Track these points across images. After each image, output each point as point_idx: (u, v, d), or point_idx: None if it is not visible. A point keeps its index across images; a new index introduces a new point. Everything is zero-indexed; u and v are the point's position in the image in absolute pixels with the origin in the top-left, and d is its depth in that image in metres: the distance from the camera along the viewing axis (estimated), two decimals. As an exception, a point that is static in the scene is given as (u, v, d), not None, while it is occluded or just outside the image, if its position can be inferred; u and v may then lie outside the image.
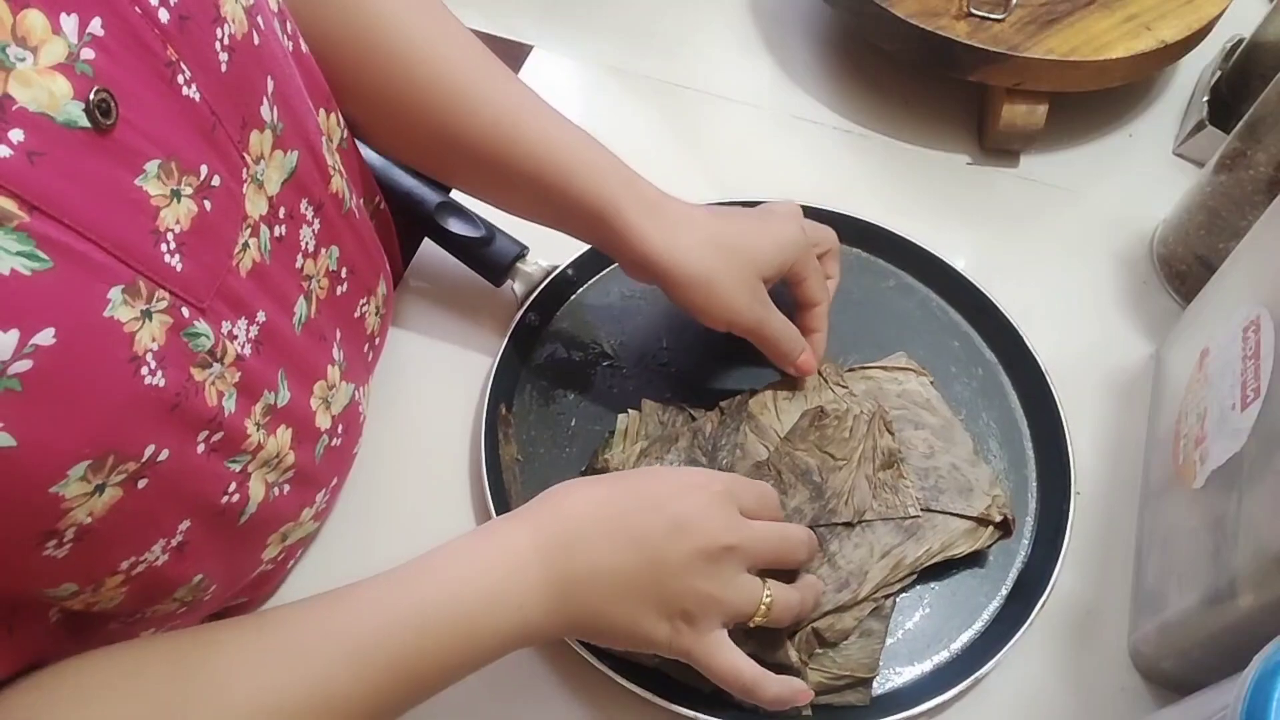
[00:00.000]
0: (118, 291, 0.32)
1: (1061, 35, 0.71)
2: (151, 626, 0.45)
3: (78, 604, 0.38)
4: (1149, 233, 0.71)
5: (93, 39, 0.31)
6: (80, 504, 0.33)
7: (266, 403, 0.43)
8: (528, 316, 0.64)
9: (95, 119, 0.31)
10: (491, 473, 0.56)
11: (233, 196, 0.39)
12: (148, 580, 0.39)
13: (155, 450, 0.35)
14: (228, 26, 0.38)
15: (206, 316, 0.38)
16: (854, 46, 0.83)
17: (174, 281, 0.36)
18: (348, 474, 0.57)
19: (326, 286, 0.50)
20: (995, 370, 0.64)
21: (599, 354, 0.64)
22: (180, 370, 0.36)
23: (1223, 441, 0.47)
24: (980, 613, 0.54)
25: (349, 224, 0.52)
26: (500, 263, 0.64)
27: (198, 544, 0.41)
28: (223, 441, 0.40)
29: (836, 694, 0.51)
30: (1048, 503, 0.58)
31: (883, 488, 0.54)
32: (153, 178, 0.34)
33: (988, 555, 0.56)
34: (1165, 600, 0.50)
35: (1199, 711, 0.40)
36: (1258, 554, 0.42)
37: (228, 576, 0.46)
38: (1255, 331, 0.48)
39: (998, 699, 0.52)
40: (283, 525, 0.49)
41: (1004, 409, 0.62)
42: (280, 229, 0.44)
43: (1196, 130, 0.75)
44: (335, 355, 0.51)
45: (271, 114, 0.42)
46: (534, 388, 0.62)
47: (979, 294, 0.65)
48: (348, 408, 0.53)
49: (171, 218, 0.35)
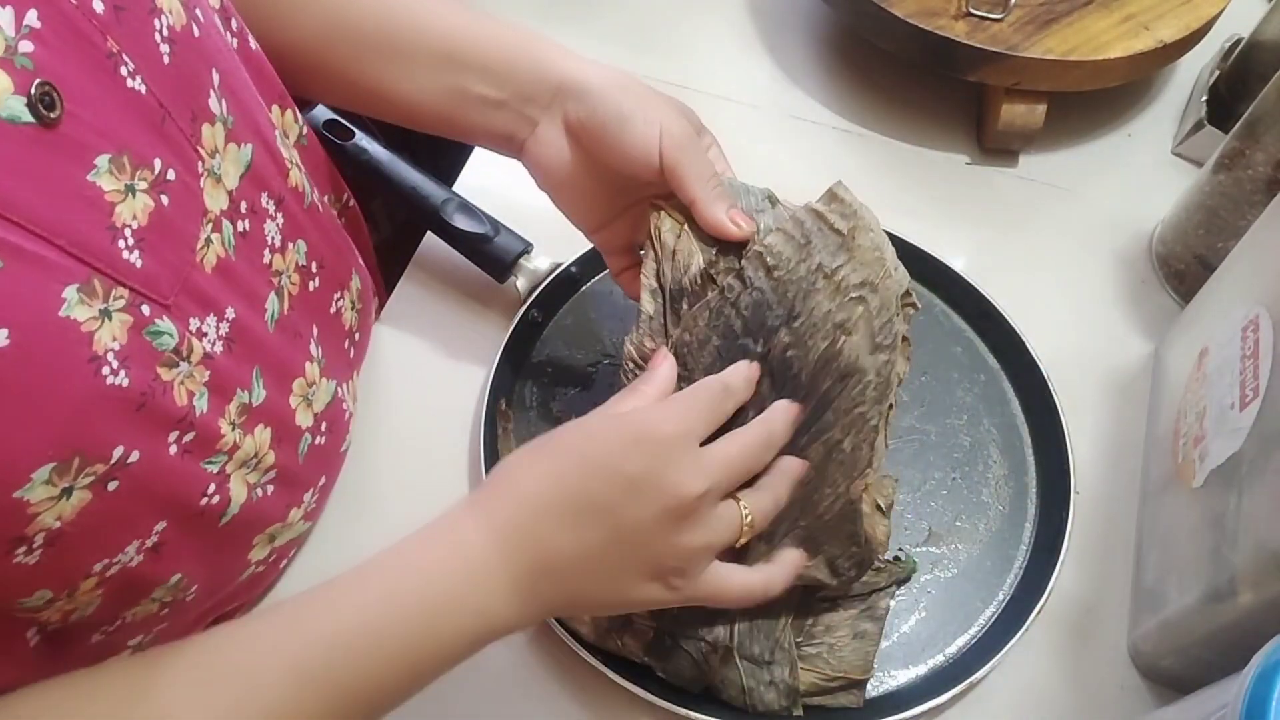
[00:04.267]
0: (73, 290, 0.32)
1: (1060, 35, 0.71)
2: (138, 634, 0.44)
3: (55, 614, 0.37)
4: (1148, 232, 0.72)
5: (30, 31, 0.31)
6: (47, 508, 0.32)
7: (240, 402, 0.43)
8: (530, 313, 0.64)
9: (39, 113, 0.31)
10: (490, 466, 0.56)
11: (190, 191, 0.39)
12: (123, 581, 0.39)
13: (125, 452, 0.35)
14: (165, 18, 0.38)
15: (171, 314, 0.37)
16: (853, 46, 0.83)
17: (134, 278, 0.35)
18: (337, 473, 0.56)
19: (298, 282, 0.49)
20: (997, 376, 0.64)
21: (600, 352, 0.64)
22: (145, 370, 0.36)
23: (1222, 440, 0.48)
24: (976, 617, 0.54)
25: (313, 219, 0.51)
26: (504, 258, 0.65)
27: (175, 545, 0.41)
28: (196, 442, 0.40)
29: (830, 695, 0.51)
30: (1047, 503, 0.58)
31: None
32: (105, 173, 0.34)
33: (986, 560, 0.56)
34: (1165, 599, 0.50)
35: (1199, 710, 0.40)
36: (1257, 552, 0.42)
37: (210, 577, 0.46)
38: (1254, 331, 0.48)
39: (998, 698, 0.52)
40: (269, 526, 0.49)
41: (1005, 414, 0.62)
42: (243, 224, 0.43)
43: (1195, 130, 0.75)
44: (313, 352, 0.51)
45: (220, 107, 0.41)
46: (534, 384, 0.62)
47: (978, 294, 0.65)
48: (330, 405, 0.53)
49: (128, 213, 0.35)
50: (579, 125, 0.50)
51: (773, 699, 0.50)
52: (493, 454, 0.57)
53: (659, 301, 0.49)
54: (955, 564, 0.56)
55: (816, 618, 0.52)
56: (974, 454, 0.60)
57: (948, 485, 0.59)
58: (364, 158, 0.66)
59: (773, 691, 0.50)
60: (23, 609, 0.36)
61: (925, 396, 0.62)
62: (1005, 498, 0.59)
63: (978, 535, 0.57)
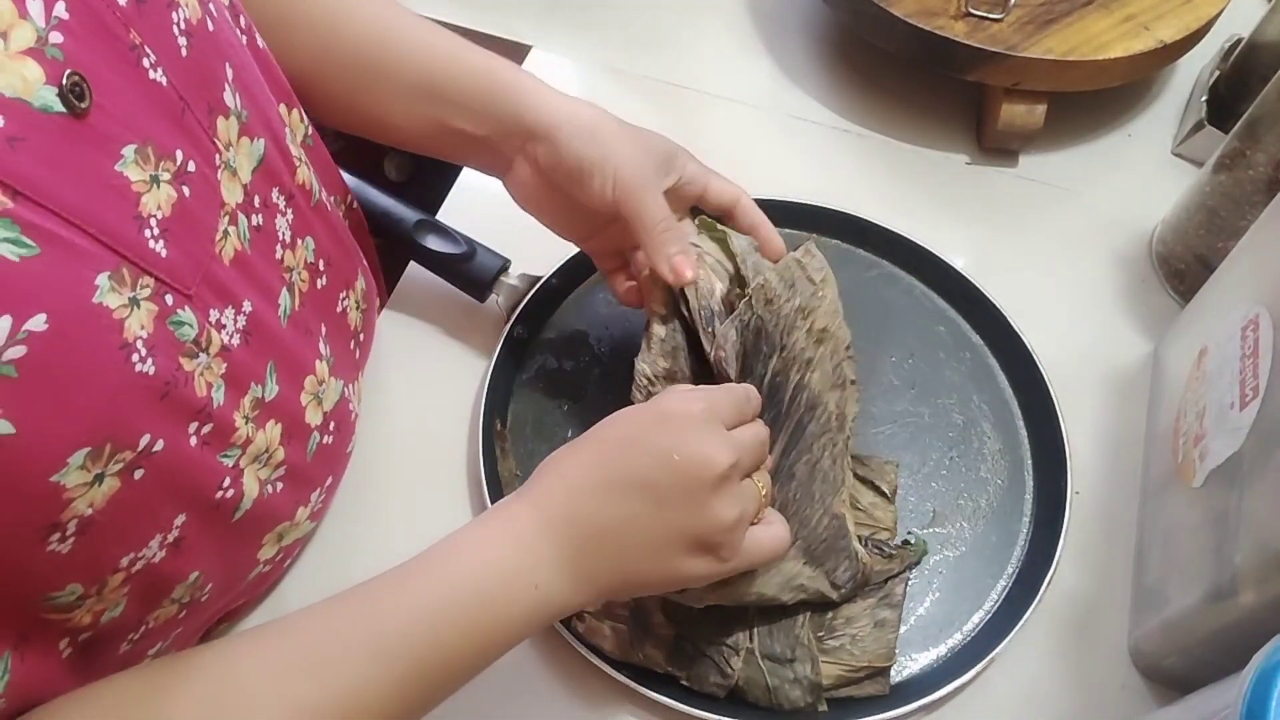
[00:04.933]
0: (105, 278, 0.33)
1: (1060, 35, 0.71)
2: (158, 640, 0.45)
3: (86, 615, 0.38)
4: (1148, 232, 0.72)
5: (59, 22, 0.31)
6: (81, 494, 0.33)
7: (254, 396, 0.44)
8: (515, 330, 0.63)
9: (70, 103, 0.31)
10: (492, 488, 0.56)
11: (209, 183, 0.40)
12: (147, 579, 0.40)
13: (151, 440, 0.36)
14: (182, 10, 0.38)
15: (193, 304, 0.38)
16: (853, 46, 0.83)
17: (159, 267, 0.36)
18: (342, 474, 0.57)
19: (307, 279, 0.50)
20: (998, 379, 0.64)
21: (590, 362, 0.64)
22: (169, 359, 0.36)
23: (1222, 440, 0.48)
24: (989, 592, 0.55)
25: (320, 216, 0.52)
26: (483, 278, 0.64)
27: (193, 540, 0.41)
28: (213, 433, 0.40)
29: (856, 685, 0.51)
30: (1045, 503, 0.58)
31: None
32: (131, 163, 0.34)
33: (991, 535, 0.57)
34: (1166, 598, 0.51)
35: (1200, 709, 0.40)
36: (1258, 551, 0.42)
37: (224, 575, 0.47)
38: (1254, 330, 0.48)
39: (999, 698, 0.52)
40: (278, 525, 0.49)
41: (1006, 421, 0.62)
42: (257, 218, 0.44)
43: (1195, 130, 0.75)
44: (322, 350, 0.51)
45: (235, 101, 0.42)
46: (527, 401, 0.62)
47: (977, 293, 0.65)
48: (338, 405, 0.53)
49: (153, 203, 0.35)
50: (548, 169, 0.53)
51: (798, 696, 0.50)
52: (494, 477, 0.57)
53: (670, 325, 0.54)
54: (962, 542, 0.57)
55: (836, 611, 0.53)
56: (968, 432, 0.61)
57: (946, 465, 0.60)
58: None
59: (797, 689, 0.50)
60: (54, 606, 0.36)
61: (915, 379, 0.63)
62: (1003, 471, 0.60)
63: (980, 511, 0.58)
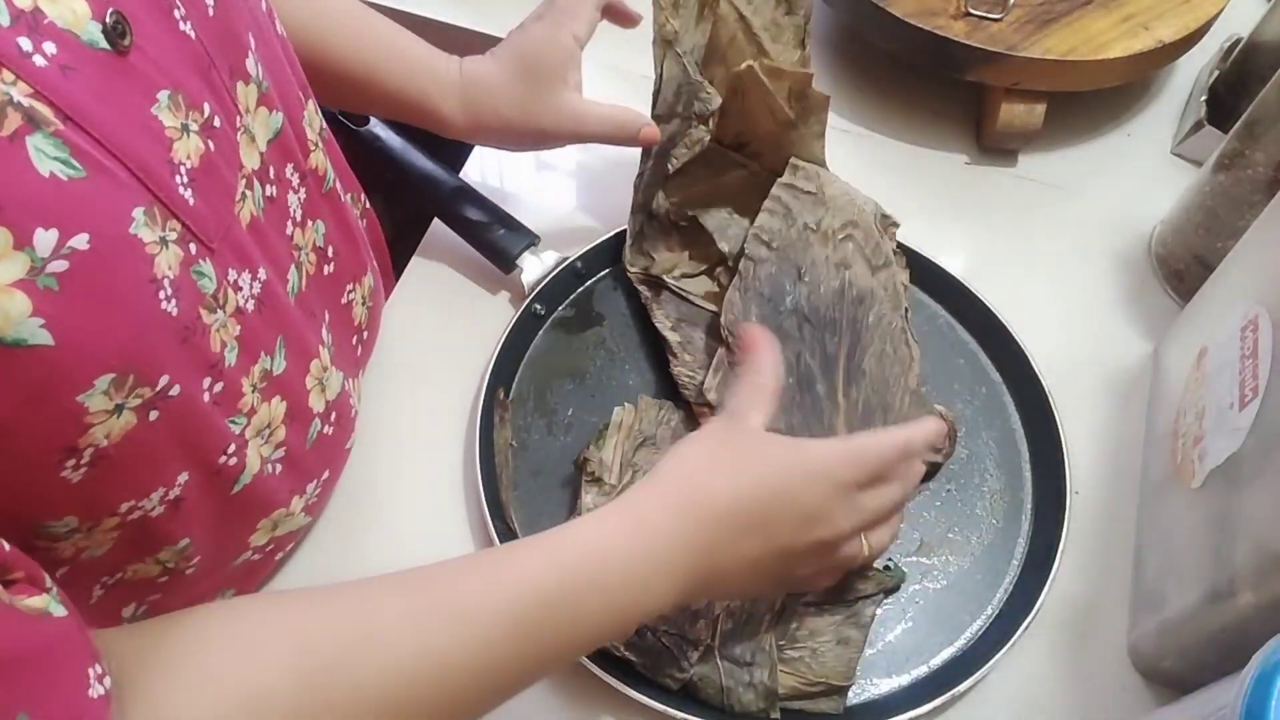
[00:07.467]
0: (140, 211, 0.34)
1: (1059, 35, 0.71)
2: (131, 601, 0.45)
3: (69, 549, 0.38)
4: (1147, 232, 0.72)
5: None
6: (100, 421, 0.34)
7: (263, 367, 0.45)
8: (533, 305, 0.64)
9: (113, 39, 0.32)
10: (485, 456, 0.56)
11: (230, 141, 0.41)
12: (140, 529, 0.40)
13: (168, 382, 0.37)
14: None
15: (214, 258, 0.39)
16: (852, 46, 0.83)
17: (187, 214, 0.37)
18: (340, 470, 0.57)
19: (314, 262, 0.51)
20: (998, 388, 0.63)
21: (600, 347, 0.64)
22: (191, 306, 0.37)
23: (1221, 440, 0.48)
24: (964, 630, 0.54)
25: (331, 204, 0.53)
26: (511, 250, 0.65)
27: (192, 504, 0.42)
28: (224, 394, 0.41)
29: (810, 700, 0.51)
30: (1042, 519, 0.57)
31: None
32: (165, 108, 0.35)
33: (976, 573, 0.56)
34: (1165, 599, 0.50)
35: (1199, 710, 0.40)
36: (1257, 552, 0.42)
37: (214, 552, 0.47)
38: (1253, 331, 0.48)
39: (998, 698, 0.52)
40: (273, 511, 0.50)
41: (1004, 428, 0.62)
42: (271, 189, 0.45)
43: (1195, 130, 0.75)
44: (324, 337, 0.52)
45: (257, 70, 0.43)
46: (533, 376, 0.63)
47: (971, 295, 0.65)
48: (339, 397, 0.53)
49: (183, 151, 0.36)
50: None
51: (750, 700, 0.50)
52: (487, 441, 0.57)
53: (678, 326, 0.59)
54: (945, 576, 0.56)
55: (800, 621, 0.52)
56: (970, 467, 0.60)
57: (941, 496, 0.59)
58: (377, 144, 0.68)
59: (751, 693, 0.50)
60: (45, 534, 0.37)
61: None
62: (999, 512, 0.58)
63: (969, 548, 0.57)
